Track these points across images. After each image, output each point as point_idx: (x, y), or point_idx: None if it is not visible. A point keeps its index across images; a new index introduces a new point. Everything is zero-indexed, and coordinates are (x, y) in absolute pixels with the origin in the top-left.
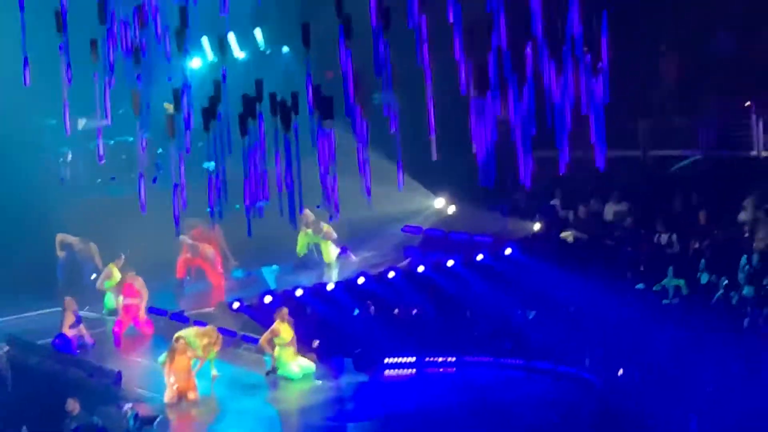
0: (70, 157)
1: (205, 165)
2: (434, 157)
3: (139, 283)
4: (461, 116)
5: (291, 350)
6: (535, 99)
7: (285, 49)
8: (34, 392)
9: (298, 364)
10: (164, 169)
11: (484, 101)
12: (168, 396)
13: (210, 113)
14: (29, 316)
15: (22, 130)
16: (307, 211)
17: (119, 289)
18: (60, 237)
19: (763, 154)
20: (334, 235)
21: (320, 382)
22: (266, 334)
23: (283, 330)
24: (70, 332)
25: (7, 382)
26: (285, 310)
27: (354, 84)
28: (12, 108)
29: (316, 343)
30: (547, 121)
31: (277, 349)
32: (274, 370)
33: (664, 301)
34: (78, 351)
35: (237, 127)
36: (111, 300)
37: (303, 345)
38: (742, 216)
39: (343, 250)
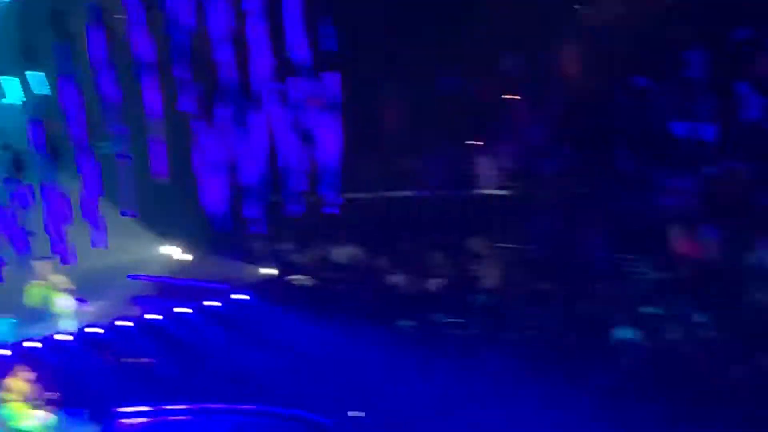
0: None
1: None
2: (163, 180)
3: None
4: (190, 159)
5: (25, 405)
6: (269, 141)
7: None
8: None
9: (33, 418)
10: None
11: (212, 144)
12: None
13: None
14: None
15: None
16: (40, 262)
17: None
18: None
19: (490, 191)
20: (68, 285)
21: None
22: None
23: (17, 384)
24: None
25: None
26: (21, 367)
27: (84, 125)
28: None
29: (50, 395)
30: (279, 164)
31: (11, 404)
32: (9, 424)
33: (399, 342)
34: None
35: None
36: None
37: (37, 398)
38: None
39: (78, 301)
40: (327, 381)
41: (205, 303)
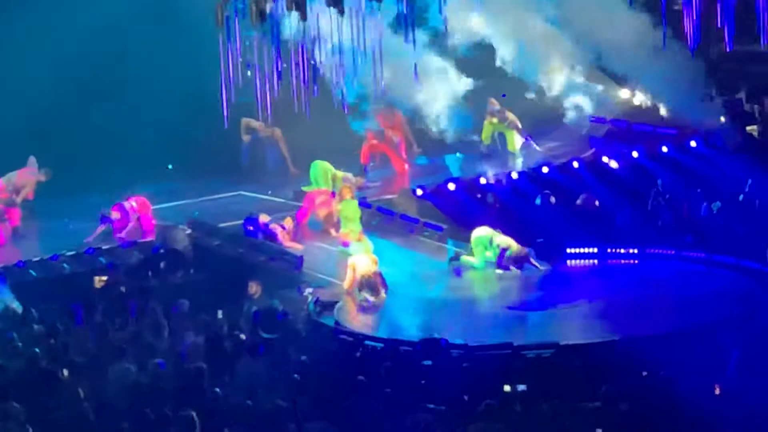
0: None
1: None
2: None
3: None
4: None
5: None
6: None
7: None
8: (216, 274)
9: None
10: None
11: None
12: (347, 282)
13: None
14: (211, 199)
15: None
16: (492, 100)
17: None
18: (245, 121)
19: None
20: (519, 124)
21: (500, 270)
22: None
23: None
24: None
25: (189, 263)
26: None
27: None
28: None
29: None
30: None
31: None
32: (457, 257)
33: None
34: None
35: None
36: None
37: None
38: None
39: (527, 139)
40: None
41: (655, 148)
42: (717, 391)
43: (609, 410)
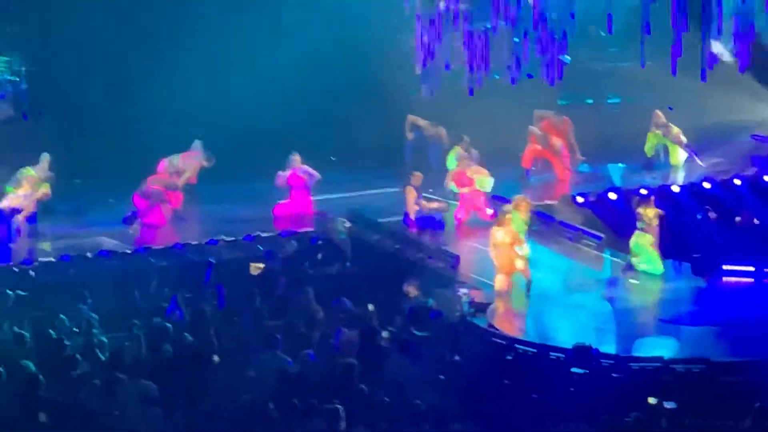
0: None
1: (561, 57)
2: None
3: (472, 171)
4: None
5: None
6: None
7: None
8: (373, 269)
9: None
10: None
11: None
12: (499, 283)
13: None
14: (372, 194)
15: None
16: (658, 112)
17: (454, 177)
18: (411, 119)
19: None
20: (683, 138)
21: (656, 283)
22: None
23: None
24: (414, 208)
25: (347, 257)
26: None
27: None
28: None
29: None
30: None
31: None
32: (629, 266)
33: None
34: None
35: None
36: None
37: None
38: None
39: (691, 154)
40: None
41: None
42: None
43: (758, 430)
